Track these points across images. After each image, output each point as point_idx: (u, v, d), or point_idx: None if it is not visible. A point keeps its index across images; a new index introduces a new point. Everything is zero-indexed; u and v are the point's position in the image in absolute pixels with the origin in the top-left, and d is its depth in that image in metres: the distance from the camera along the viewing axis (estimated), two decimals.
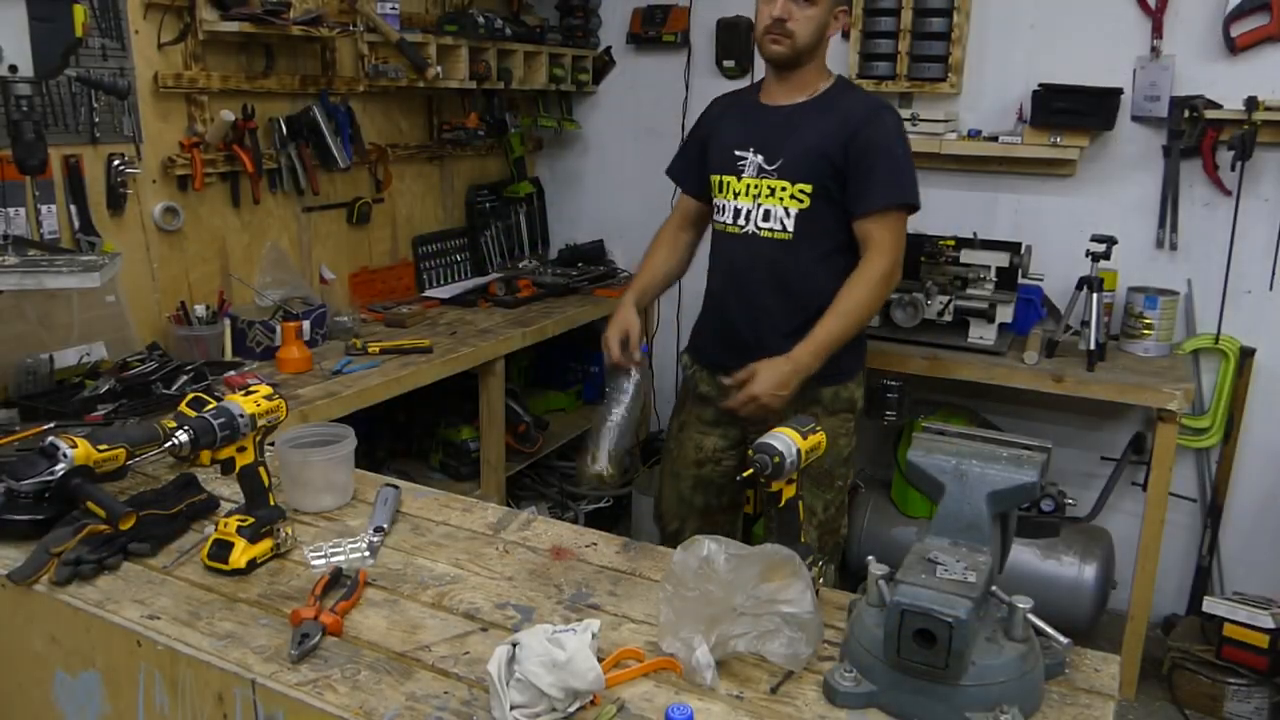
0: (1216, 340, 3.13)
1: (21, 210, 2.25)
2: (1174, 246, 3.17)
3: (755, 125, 2.18)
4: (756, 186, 2.14)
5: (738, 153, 2.18)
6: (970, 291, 3.02)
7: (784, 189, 2.11)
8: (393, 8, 3.09)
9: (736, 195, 2.17)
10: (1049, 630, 1.14)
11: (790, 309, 2.17)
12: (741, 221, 2.17)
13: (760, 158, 2.14)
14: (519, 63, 3.58)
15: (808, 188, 2.09)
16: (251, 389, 1.44)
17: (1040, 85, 3.12)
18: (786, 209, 2.11)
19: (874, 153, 2.06)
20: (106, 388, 2.16)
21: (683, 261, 2.42)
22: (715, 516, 2.40)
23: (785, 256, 2.14)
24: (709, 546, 1.18)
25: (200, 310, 2.62)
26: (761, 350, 2.10)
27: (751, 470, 1.30)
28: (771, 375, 2.01)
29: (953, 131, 3.32)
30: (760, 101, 2.22)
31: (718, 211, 2.24)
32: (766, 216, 2.14)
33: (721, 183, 2.21)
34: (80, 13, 1.81)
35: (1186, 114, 3.00)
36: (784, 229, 2.13)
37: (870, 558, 1.17)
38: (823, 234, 2.13)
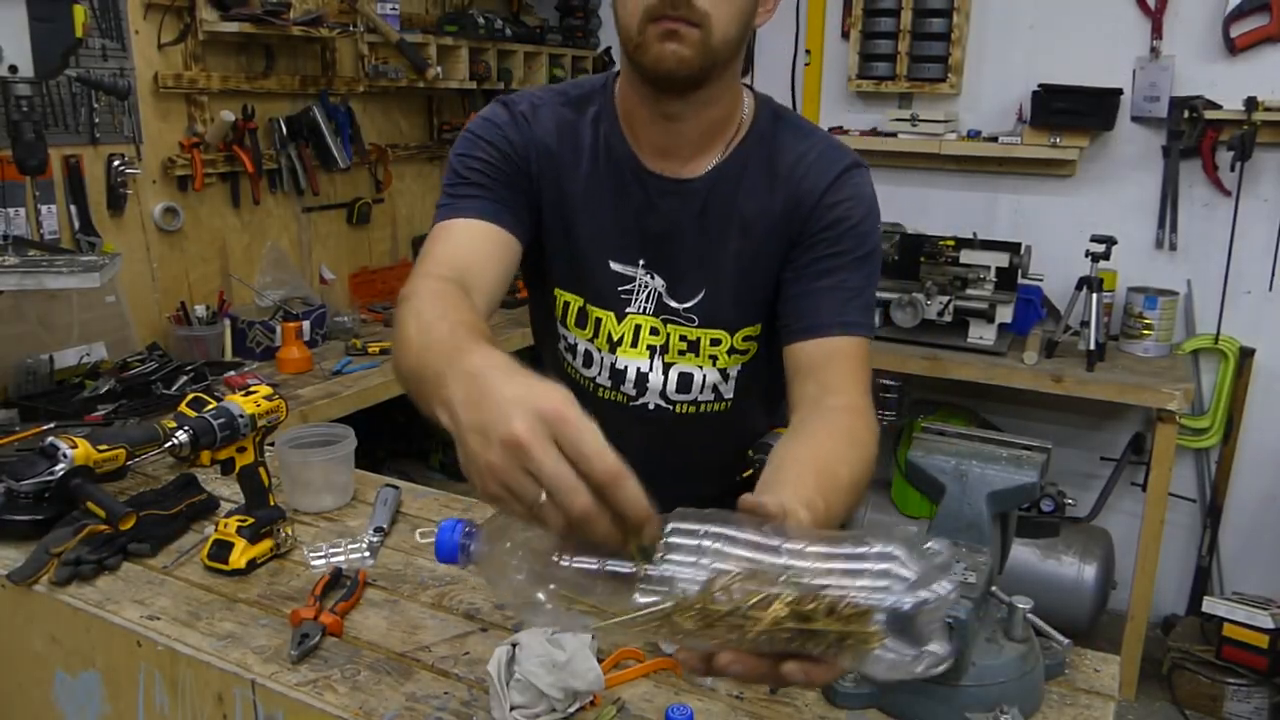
0: (1216, 340, 3.13)
1: (21, 210, 2.25)
2: (1174, 247, 3.17)
3: (640, 213, 1.21)
4: (658, 332, 1.24)
5: (616, 267, 1.23)
6: (970, 292, 3.02)
7: (716, 342, 1.24)
8: (393, 8, 3.10)
9: (616, 344, 1.25)
10: (1049, 630, 1.14)
11: (713, 489, 1.13)
12: (630, 389, 1.27)
13: (660, 282, 1.22)
14: (519, 63, 3.58)
15: (754, 330, 1.25)
16: (251, 389, 1.44)
17: (1040, 85, 3.12)
18: (724, 370, 1.26)
19: (841, 241, 1.20)
20: (106, 388, 2.16)
21: None
22: None
23: (721, 431, 1.31)
24: None
25: (200, 310, 2.62)
26: None
27: (751, 471, 1.30)
28: None
29: (952, 132, 3.32)
30: (634, 156, 1.21)
31: (567, 350, 1.31)
32: (685, 385, 1.26)
33: (584, 314, 1.26)
34: (80, 13, 1.81)
35: (1186, 114, 3.00)
36: (718, 398, 1.28)
37: None
38: (774, 379, 1.25)
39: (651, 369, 1.25)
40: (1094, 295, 2.93)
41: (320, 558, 1.43)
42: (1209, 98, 2.99)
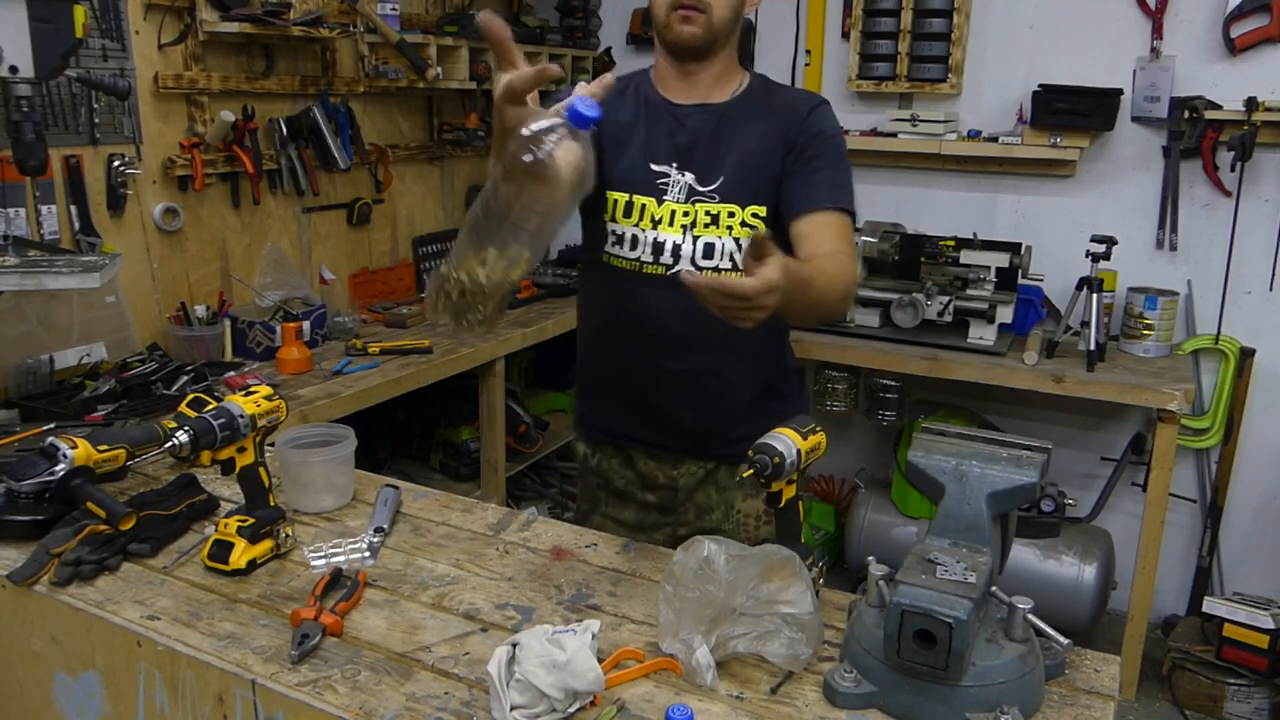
0: (1216, 341, 3.13)
1: (22, 211, 2.25)
2: (1174, 247, 3.17)
3: (671, 130, 1.62)
4: (689, 213, 1.59)
5: (655, 167, 1.60)
6: (970, 292, 3.02)
7: (731, 215, 1.58)
8: (393, 8, 3.10)
9: (657, 223, 1.59)
10: (1049, 631, 1.14)
11: (743, 371, 1.66)
12: (669, 259, 1.59)
13: (690, 176, 1.59)
14: None
15: (761, 210, 1.58)
16: (251, 389, 1.44)
17: (1040, 86, 3.12)
18: (738, 240, 1.58)
19: (822, 144, 1.60)
20: (107, 388, 2.16)
21: None
22: None
23: None
24: (709, 547, 1.18)
25: (200, 311, 2.63)
26: (702, 429, 1.64)
27: (751, 471, 1.30)
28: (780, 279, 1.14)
29: (953, 132, 3.32)
30: (665, 99, 1.64)
31: (614, 241, 1.62)
32: (709, 252, 1.58)
33: (630, 205, 1.60)
34: (80, 13, 1.81)
35: (1186, 115, 3.00)
36: (735, 267, 1.58)
37: (870, 558, 1.17)
38: None
39: (684, 240, 1.59)
40: (1094, 295, 2.93)
41: (320, 558, 1.43)
42: (1209, 98, 2.99)
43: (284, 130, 2.88)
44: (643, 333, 1.63)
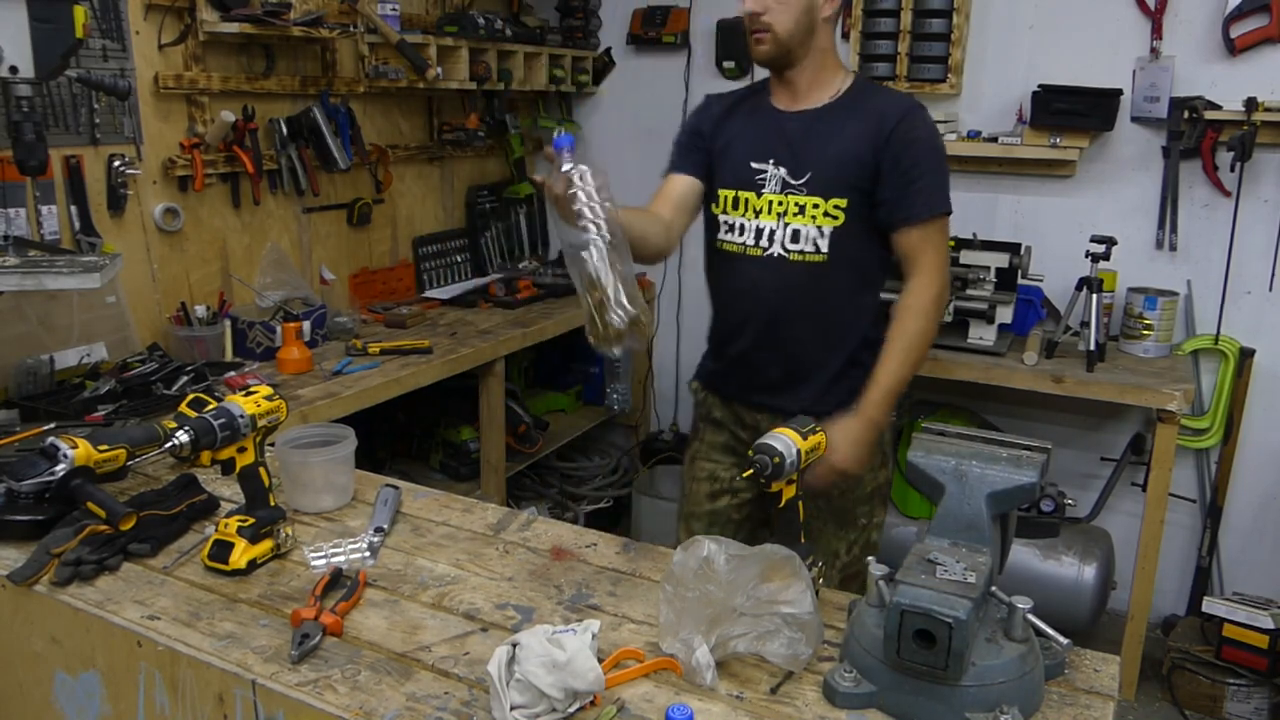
0: (1216, 341, 3.13)
1: (22, 211, 2.25)
2: (1174, 247, 3.17)
3: (772, 134, 1.91)
4: (782, 203, 1.88)
5: (755, 165, 1.91)
6: (970, 292, 3.01)
7: (816, 205, 1.85)
8: (393, 9, 3.10)
9: (758, 213, 1.90)
10: (1049, 631, 1.14)
11: (826, 341, 1.94)
12: (765, 243, 1.90)
13: (783, 171, 1.88)
14: (519, 64, 3.58)
15: (842, 202, 1.84)
16: (252, 389, 1.44)
17: (1040, 86, 3.12)
18: (820, 228, 1.86)
19: (917, 152, 1.82)
20: (107, 388, 2.16)
21: (657, 229, 1.85)
22: None
23: (819, 281, 1.89)
24: (709, 547, 1.18)
25: (200, 311, 2.63)
26: (791, 388, 1.94)
27: (751, 470, 1.30)
28: (849, 442, 1.76)
29: (952, 132, 3.32)
30: (773, 106, 1.95)
31: (726, 230, 1.96)
32: (796, 237, 1.88)
33: (737, 199, 1.93)
34: (81, 14, 1.81)
35: (1186, 115, 3.00)
36: (817, 250, 1.87)
37: (870, 558, 1.18)
38: (859, 252, 1.90)
39: (778, 226, 1.89)
40: (1094, 296, 2.93)
41: (320, 558, 1.43)
42: (1209, 98, 2.99)
43: (284, 130, 2.88)
44: (747, 303, 1.96)
